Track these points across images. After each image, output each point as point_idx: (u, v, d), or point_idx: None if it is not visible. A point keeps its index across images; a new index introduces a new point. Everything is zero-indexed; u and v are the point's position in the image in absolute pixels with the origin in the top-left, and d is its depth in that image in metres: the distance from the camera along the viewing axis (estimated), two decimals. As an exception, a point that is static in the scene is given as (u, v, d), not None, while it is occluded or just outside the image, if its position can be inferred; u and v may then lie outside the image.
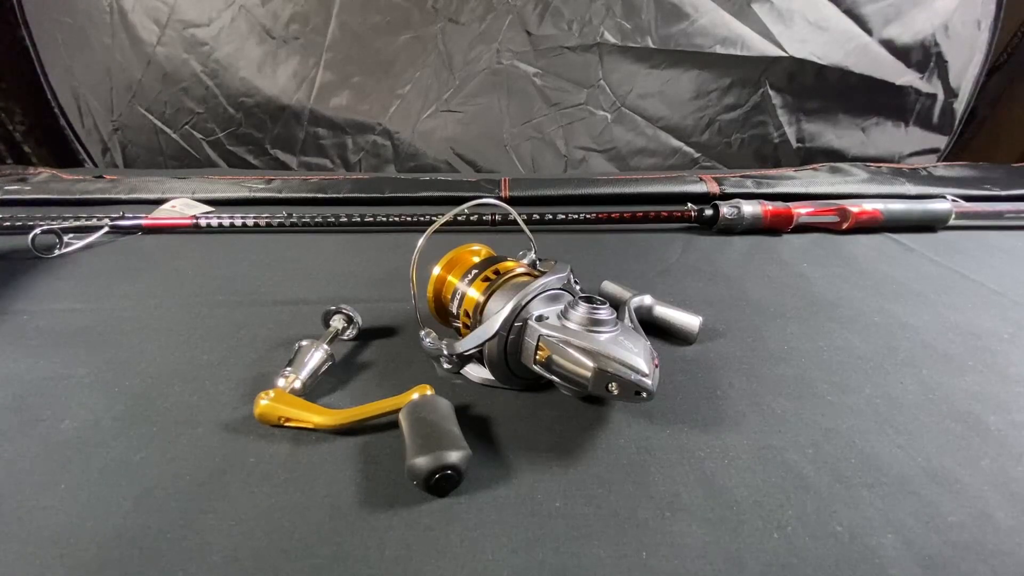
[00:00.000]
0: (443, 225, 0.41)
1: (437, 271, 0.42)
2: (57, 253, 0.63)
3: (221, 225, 0.70)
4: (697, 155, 1.08)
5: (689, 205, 0.72)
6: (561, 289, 0.38)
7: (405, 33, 1.02)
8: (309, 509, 0.30)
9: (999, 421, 0.36)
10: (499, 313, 0.35)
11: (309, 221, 0.69)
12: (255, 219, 0.69)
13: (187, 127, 1.07)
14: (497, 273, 0.39)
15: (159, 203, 0.76)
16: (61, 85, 1.05)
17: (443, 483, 0.29)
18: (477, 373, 0.39)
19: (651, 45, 1.00)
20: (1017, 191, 0.83)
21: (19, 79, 1.04)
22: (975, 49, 1.03)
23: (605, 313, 0.34)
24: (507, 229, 0.70)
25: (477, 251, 0.44)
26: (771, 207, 0.69)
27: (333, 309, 0.44)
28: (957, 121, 1.07)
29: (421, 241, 0.39)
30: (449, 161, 1.09)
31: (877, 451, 0.34)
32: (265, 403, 0.34)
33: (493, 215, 0.70)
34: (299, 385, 0.37)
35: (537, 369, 0.35)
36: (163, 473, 0.32)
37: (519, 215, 0.47)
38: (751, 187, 0.82)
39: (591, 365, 0.31)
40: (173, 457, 0.33)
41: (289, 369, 0.37)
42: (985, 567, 0.27)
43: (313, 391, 0.38)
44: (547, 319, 0.35)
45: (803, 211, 0.70)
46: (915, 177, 0.87)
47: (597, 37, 1.01)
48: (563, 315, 0.35)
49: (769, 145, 1.08)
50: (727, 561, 0.27)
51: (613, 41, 1.01)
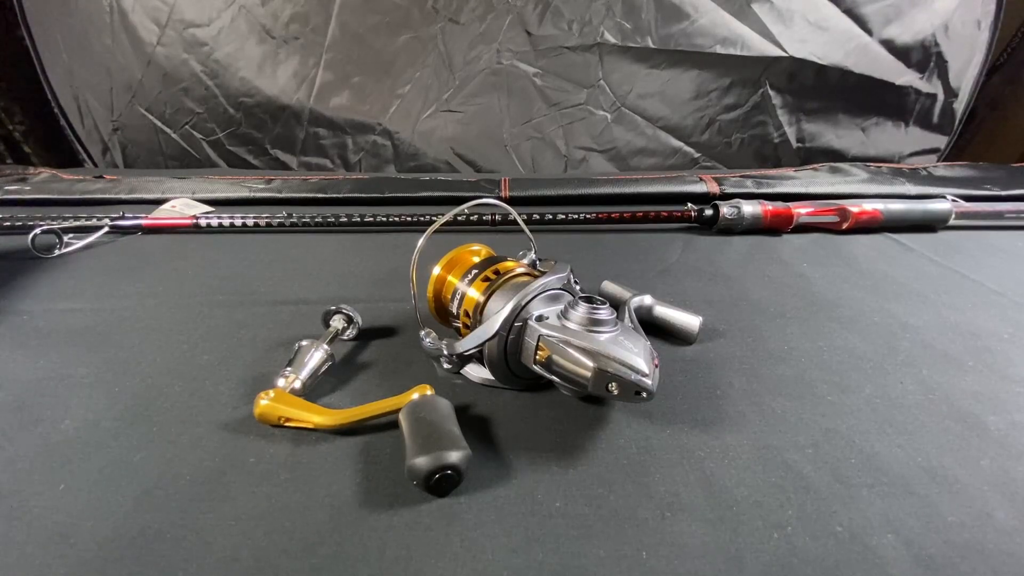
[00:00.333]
0: (443, 225, 0.41)
1: (437, 271, 0.42)
2: (57, 253, 0.63)
3: (221, 225, 0.70)
4: (697, 155, 1.08)
5: (689, 205, 0.72)
6: (561, 289, 0.38)
7: (405, 33, 1.02)
8: (309, 509, 0.30)
9: (999, 421, 0.36)
10: (499, 313, 0.35)
11: (309, 221, 0.69)
12: (255, 219, 0.69)
13: (187, 127, 1.07)
14: (497, 273, 0.39)
15: (159, 203, 0.77)
16: (61, 85, 1.05)
17: (443, 483, 0.29)
18: (477, 373, 0.39)
19: (651, 45, 1.00)
20: (1017, 191, 0.83)
21: (19, 79, 1.04)
22: (975, 49, 1.03)
23: (605, 313, 0.34)
24: (507, 229, 0.70)
25: (477, 251, 0.44)
26: (771, 207, 0.69)
27: (333, 309, 0.44)
28: (957, 121, 1.07)
29: (421, 241, 0.39)
30: (449, 161, 1.09)
31: (877, 451, 0.34)
32: (265, 403, 0.34)
33: (493, 215, 0.70)
34: (299, 385, 0.37)
35: (537, 369, 0.35)
36: (163, 473, 0.32)
37: (519, 215, 0.47)
38: (751, 187, 0.82)
39: (591, 365, 0.31)
40: (173, 457, 0.33)
41: (289, 369, 0.37)
42: (985, 567, 0.27)
43: (313, 391, 0.38)
44: (547, 319, 0.35)
45: (803, 211, 0.70)
46: (915, 177, 0.87)
47: (597, 37, 1.01)
48: (563, 315, 0.35)
49: (769, 145, 1.08)
50: (727, 561, 0.27)
51: (613, 41, 1.01)
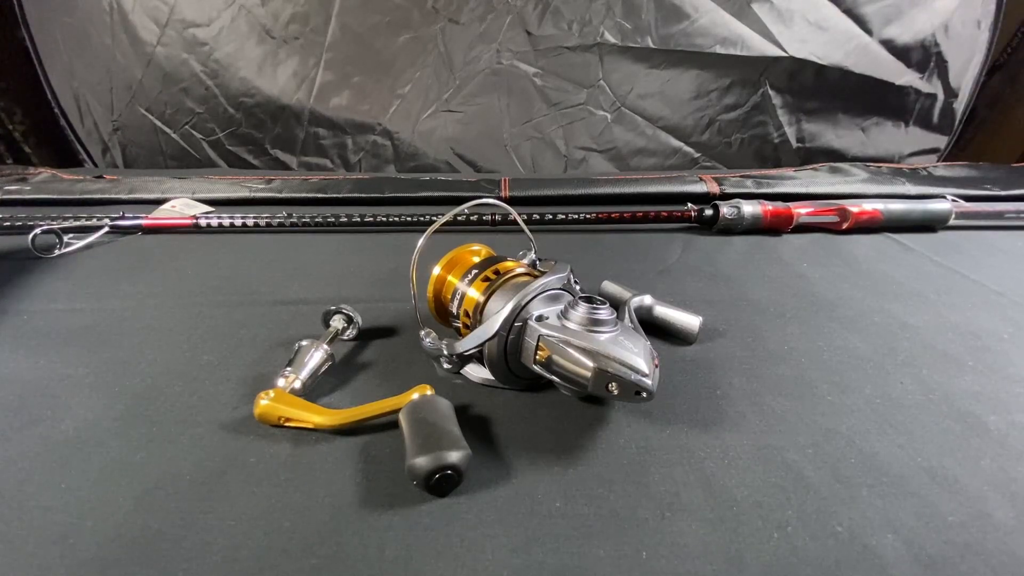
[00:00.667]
0: (443, 225, 0.41)
1: (437, 271, 0.42)
2: (57, 253, 0.63)
3: (221, 225, 0.70)
4: (697, 155, 1.08)
5: (689, 205, 0.72)
6: (561, 289, 0.38)
7: (405, 33, 1.02)
8: (309, 509, 0.30)
9: (999, 421, 0.36)
10: (499, 313, 0.35)
11: (309, 221, 0.69)
12: (255, 219, 0.69)
13: (187, 127, 1.07)
14: (497, 273, 0.39)
15: (159, 203, 0.77)
16: (61, 85, 1.05)
17: (443, 483, 0.29)
18: (477, 373, 0.39)
19: (651, 45, 1.00)
20: (1017, 191, 0.83)
21: (19, 79, 1.04)
22: (975, 49, 1.03)
23: (605, 313, 0.34)
24: (507, 229, 0.70)
25: (477, 251, 0.44)
26: (771, 207, 0.69)
27: (333, 309, 0.44)
28: (957, 121, 1.07)
29: (421, 241, 0.39)
30: (449, 161, 1.09)
31: (877, 451, 0.34)
32: (265, 403, 0.34)
33: (493, 215, 0.70)
34: (299, 385, 0.37)
35: (537, 369, 0.35)
36: (163, 473, 0.32)
37: (519, 215, 0.47)
38: (751, 187, 0.82)
39: (591, 365, 0.31)
40: (173, 457, 0.33)
41: (289, 369, 0.37)
42: (985, 567, 0.27)
43: (313, 391, 0.38)
44: (547, 319, 0.35)
45: (803, 211, 0.70)
46: (915, 177, 0.87)
47: (597, 37, 1.01)
48: (563, 315, 0.35)
49: (769, 145, 1.08)
50: (727, 561, 0.27)
51: (613, 41, 1.01)
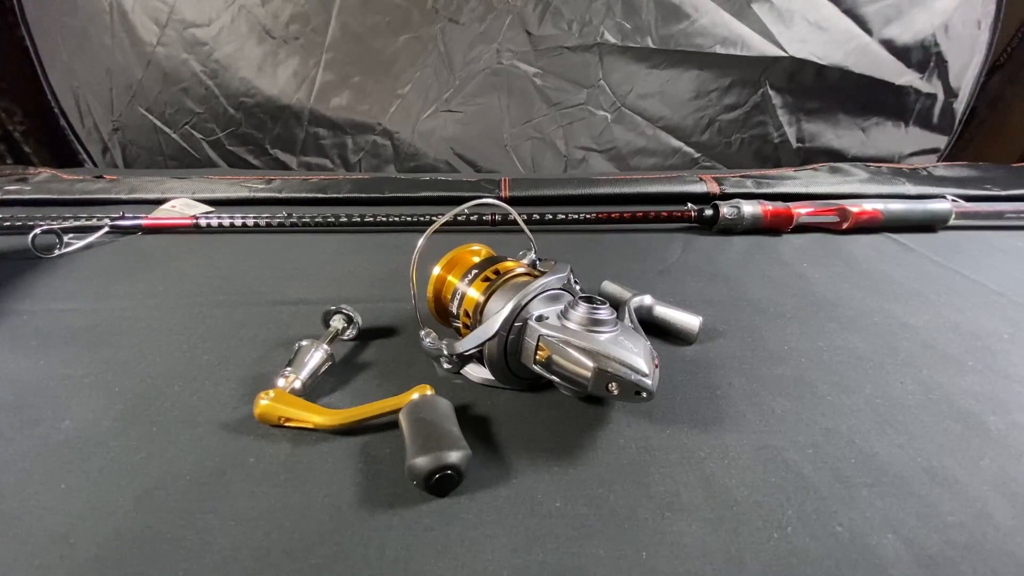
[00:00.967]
0: (443, 225, 0.41)
1: (437, 271, 0.42)
2: (57, 253, 0.63)
3: (221, 225, 0.70)
4: (697, 155, 1.08)
5: (689, 205, 0.72)
6: (561, 289, 0.38)
7: (405, 33, 1.02)
8: (309, 509, 0.30)
9: (999, 421, 0.36)
10: (499, 313, 0.35)
11: (309, 221, 0.69)
12: (255, 219, 0.69)
13: (187, 127, 1.07)
14: (497, 273, 0.39)
15: (159, 203, 0.77)
16: (61, 85, 1.05)
17: (443, 483, 0.29)
18: (477, 373, 0.39)
19: (651, 45, 1.00)
20: (1017, 191, 0.83)
21: (19, 79, 1.03)
22: (975, 49, 1.03)
23: (605, 313, 0.34)
24: (507, 229, 0.70)
25: (477, 251, 0.44)
26: (771, 207, 0.69)
27: (333, 309, 0.44)
28: (957, 121, 1.07)
29: (421, 241, 0.39)
30: (449, 161, 1.09)
31: (877, 451, 0.34)
32: (265, 403, 0.34)
33: (493, 215, 0.70)
34: (299, 385, 0.37)
35: (537, 369, 0.35)
36: (163, 473, 0.32)
37: (519, 215, 0.47)
38: (751, 187, 0.82)
39: (591, 365, 0.31)
40: (173, 457, 0.33)
41: (289, 369, 0.37)
42: (985, 567, 0.27)
43: (313, 391, 0.38)
44: (547, 319, 0.35)
45: (803, 211, 0.70)
46: (915, 177, 0.87)
47: (597, 37, 1.01)
48: (563, 315, 0.35)
49: (769, 145, 1.08)
50: (727, 561, 0.27)
51: (613, 41, 1.01)
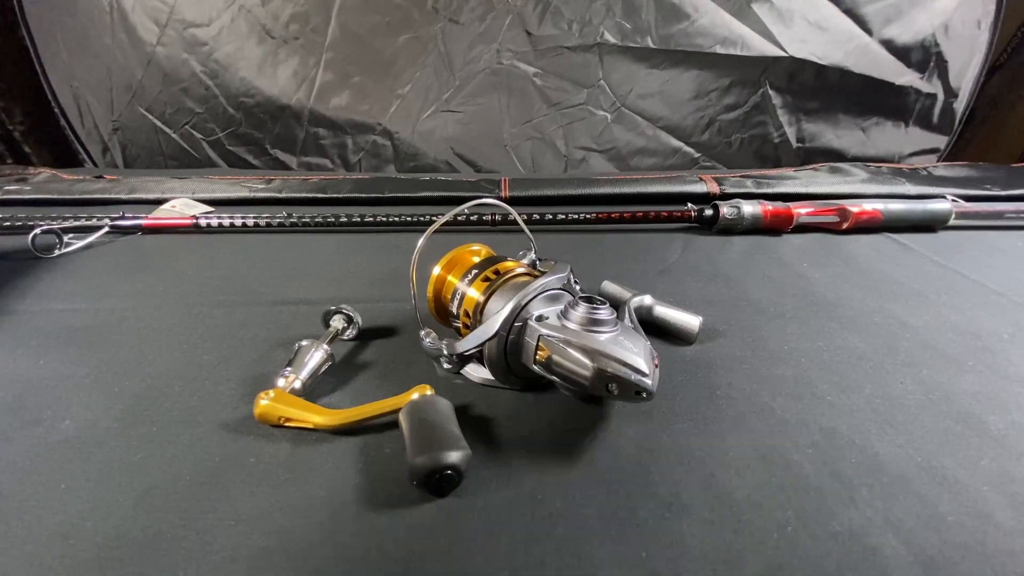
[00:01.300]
0: (443, 225, 0.41)
1: (437, 271, 0.42)
2: (57, 253, 0.63)
3: (221, 225, 0.70)
4: (697, 155, 1.08)
5: (689, 205, 0.72)
6: (561, 289, 0.38)
7: (405, 33, 1.02)
8: (309, 509, 0.30)
9: (999, 421, 0.36)
10: (499, 313, 0.35)
11: (309, 221, 0.69)
12: (255, 219, 0.69)
13: (187, 127, 1.07)
14: (497, 273, 0.39)
15: (159, 203, 0.76)
16: (61, 85, 1.05)
17: (443, 483, 0.29)
18: (477, 373, 0.39)
19: (651, 45, 1.00)
20: (1017, 191, 0.83)
21: (19, 79, 1.03)
22: (975, 49, 1.03)
23: (605, 313, 0.34)
24: (507, 229, 0.70)
25: (477, 251, 0.44)
26: (771, 207, 0.69)
27: (333, 309, 0.44)
28: (957, 121, 1.07)
29: (421, 241, 0.39)
30: (449, 161, 1.09)
31: (877, 451, 0.34)
32: (265, 403, 0.34)
33: (493, 215, 0.70)
34: (299, 385, 0.37)
35: (537, 369, 0.35)
36: (163, 473, 0.32)
37: (519, 215, 0.47)
38: (751, 187, 0.82)
39: (591, 365, 0.31)
40: (173, 457, 0.33)
41: (289, 369, 0.37)
42: (985, 567, 0.27)
43: (313, 391, 0.38)
44: (547, 319, 0.35)
45: (803, 211, 0.70)
46: (915, 177, 0.87)
47: (597, 37, 1.01)
48: (563, 315, 0.35)
49: (769, 145, 1.08)
50: (727, 561, 0.27)
51: (613, 41, 1.01)
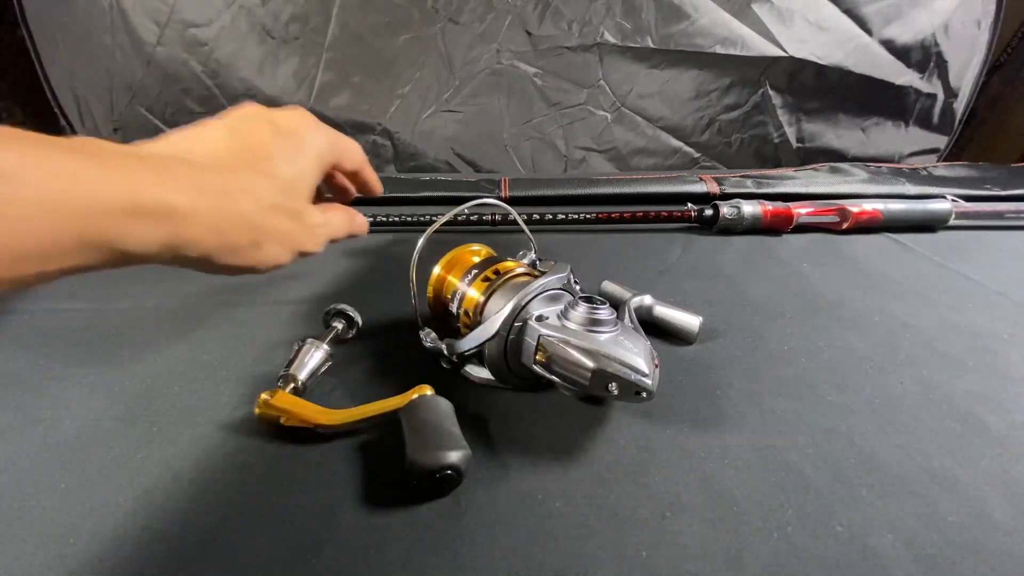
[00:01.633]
0: (443, 225, 0.41)
1: (437, 271, 0.42)
2: (57, 253, 0.63)
3: (221, 225, 0.70)
4: (697, 155, 1.08)
5: (689, 205, 0.72)
6: (561, 289, 0.38)
7: (405, 33, 1.02)
8: (309, 509, 0.30)
9: (999, 421, 0.36)
10: (499, 313, 0.35)
11: (309, 221, 0.69)
12: (255, 219, 0.69)
13: (187, 127, 1.07)
14: (497, 273, 0.39)
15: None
16: (61, 85, 1.05)
17: (443, 483, 0.29)
18: (477, 373, 0.39)
19: (651, 45, 1.00)
20: (1017, 191, 0.83)
21: (19, 79, 1.04)
22: (975, 49, 1.03)
23: (605, 313, 0.34)
24: (507, 229, 0.70)
25: (477, 251, 0.44)
26: (771, 207, 0.69)
27: (333, 309, 0.44)
28: (957, 121, 1.07)
29: (421, 241, 0.39)
30: (449, 161, 1.09)
31: (877, 451, 0.34)
32: (265, 403, 0.34)
33: (493, 215, 0.70)
34: (299, 385, 0.37)
35: (537, 369, 0.35)
36: (163, 473, 0.32)
37: (519, 215, 0.47)
38: (751, 187, 0.82)
39: (591, 365, 0.31)
40: (173, 457, 0.33)
41: (289, 369, 0.37)
42: (985, 567, 0.27)
43: (313, 391, 0.38)
44: (547, 319, 0.35)
45: (803, 211, 0.70)
46: (915, 177, 0.87)
47: (597, 37, 1.01)
48: (563, 315, 0.35)
49: (769, 145, 1.07)
50: (727, 561, 0.27)
51: (613, 41, 1.01)
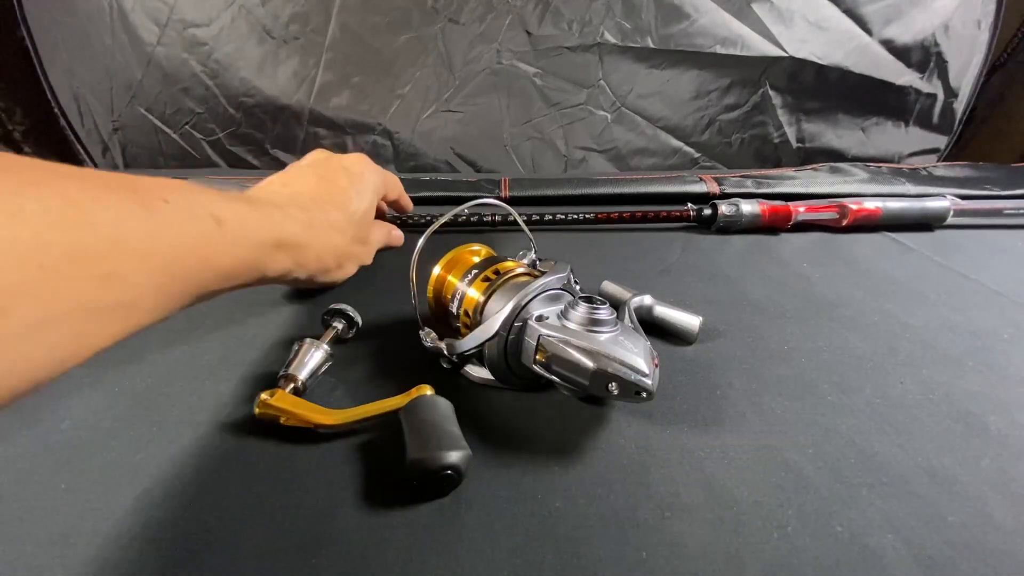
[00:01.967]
0: (443, 225, 0.41)
1: (437, 271, 0.42)
2: (57, 253, 0.63)
3: (221, 225, 0.70)
4: (697, 155, 1.08)
5: (689, 205, 0.72)
6: (561, 289, 0.38)
7: (405, 33, 1.02)
8: (309, 509, 0.30)
9: (999, 421, 0.36)
10: (499, 313, 0.35)
11: (309, 221, 0.69)
12: (255, 219, 0.69)
13: (187, 127, 1.07)
14: (497, 273, 0.39)
15: (159, 203, 0.76)
16: (61, 85, 1.05)
17: (443, 483, 0.29)
18: (477, 373, 0.39)
19: (651, 45, 1.00)
20: (1017, 191, 0.83)
21: (19, 79, 1.03)
22: (975, 49, 1.03)
23: (605, 313, 0.34)
24: (507, 229, 0.70)
25: (477, 251, 0.44)
26: (769, 205, 0.69)
27: (333, 309, 0.44)
28: (957, 121, 1.07)
29: (421, 241, 0.39)
30: (449, 161, 1.09)
31: (877, 451, 0.34)
32: (265, 403, 0.34)
33: (493, 215, 0.70)
34: (299, 385, 0.37)
35: (537, 369, 0.35)
36: (163, 473, 0.32)
37: (519, 215, 0.47)
38: (751, 187, 0.82)
39: (591, 365, 0.31)
40: (173, 457, 0.33)
41: (289, 369, 0.37)
42: (985, 567, 0.27)
43: (313, 391, 0.38)
44: (547, 319, 0.35)
45: (802, 208, 0.70)
46: (915, 177, 0.87)
47: (597, 37, 1.00)
48: (563, 315, 0.35)
49: (769, 145, 1.07)
50: (727, 561, 0.27)
51: (613, 41, 1.01)
